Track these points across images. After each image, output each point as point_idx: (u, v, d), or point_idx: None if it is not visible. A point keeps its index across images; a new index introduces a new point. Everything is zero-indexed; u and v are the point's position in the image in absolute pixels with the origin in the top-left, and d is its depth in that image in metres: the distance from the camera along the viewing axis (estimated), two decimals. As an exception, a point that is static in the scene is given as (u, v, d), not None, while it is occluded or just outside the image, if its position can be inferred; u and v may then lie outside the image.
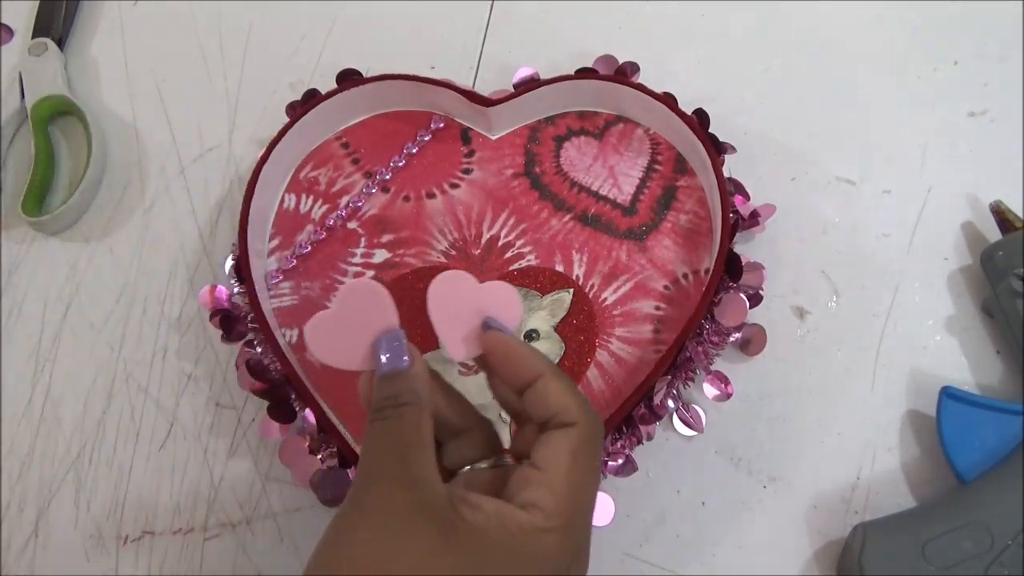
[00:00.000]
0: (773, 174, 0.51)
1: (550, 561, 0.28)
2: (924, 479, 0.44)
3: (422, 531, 0.26)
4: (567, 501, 0.28)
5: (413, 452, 0.28)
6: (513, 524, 0.27)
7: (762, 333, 0.46)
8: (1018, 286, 0.43)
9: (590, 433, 0.30)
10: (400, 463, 0.28)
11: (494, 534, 0.27)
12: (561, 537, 0.28)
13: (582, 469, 0.29)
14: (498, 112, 0.50)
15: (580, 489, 0.29)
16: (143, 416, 0.48)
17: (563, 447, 0.29)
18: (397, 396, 0.29)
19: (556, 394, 0.30)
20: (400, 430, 0.28)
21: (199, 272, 0.52)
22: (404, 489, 0.27)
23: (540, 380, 0.31)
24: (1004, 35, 0.54)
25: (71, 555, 0.46)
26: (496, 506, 0.28)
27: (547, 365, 0.31)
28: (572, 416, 0.30)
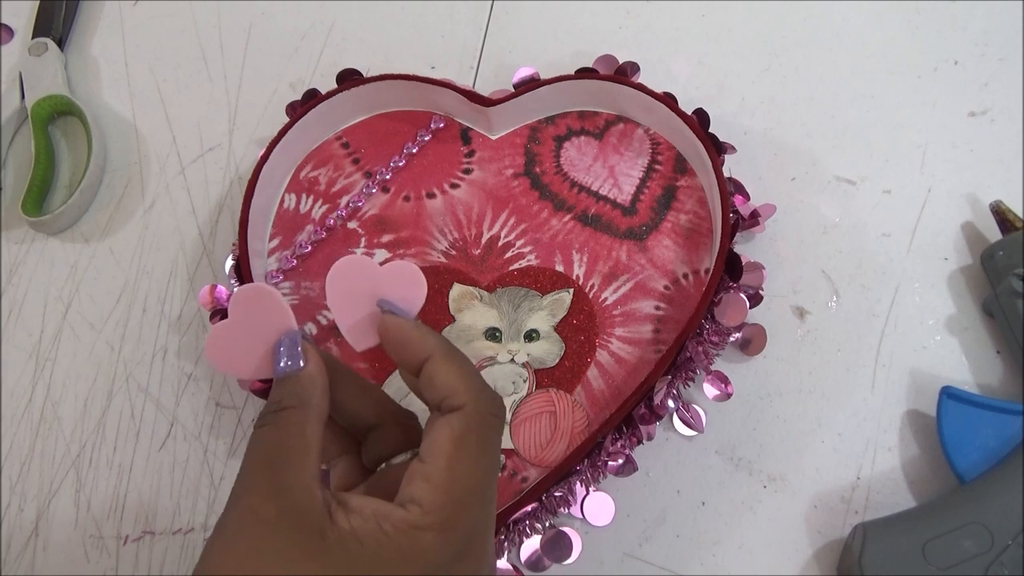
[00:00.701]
0: (773, 174, 0.51)
1: (426, 561, 0.26)
2: (924, 479, 0.44)
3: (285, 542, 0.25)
4: (446, 495, 0.26)
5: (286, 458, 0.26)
6: (389, 524, 0.26)
7: (762, 333, 0.46)
8: (1018, 286, 0.43)
9: (477, 418, 0.28)
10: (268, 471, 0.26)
11: (367, 537, 0.26)
12: (439, 535, 0.26)
13: (468, 458, 0.27)
14: (498, 112, 0.50)
15: (463, 480, 0.27)
16: (143, 416, 0.48)
17: (445, 435, 0.27)
18: (280, 401, 0.28)
19: (443, 375, 0.28)
20: (276, 436, 0.27)
21: (199, 272, 0.52)
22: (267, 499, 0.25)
23: (428, 362, 0.29)
24: (1004, 35, 0.54)
25: (71, 555, 0.46)
26: (375, 507, 0.27)
27: (437, 345, 0.29)
28: (458, 400, 0.28)
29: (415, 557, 0.26)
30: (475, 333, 0.47)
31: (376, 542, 0.26)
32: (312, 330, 0.48)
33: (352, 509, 0.26)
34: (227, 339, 0.29)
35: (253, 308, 0.29)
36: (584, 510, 0.44)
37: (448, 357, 0.29)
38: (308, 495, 0.26)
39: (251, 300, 0.29)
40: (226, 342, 0.29)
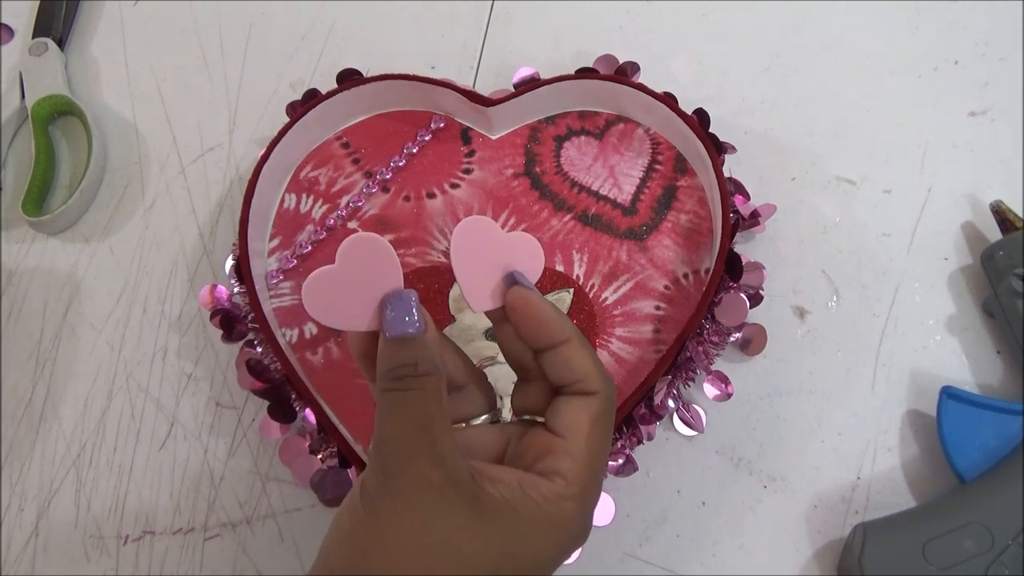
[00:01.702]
0: (773, 174, 0.51)
1: (571, 526, 0.28)
2: (924, 479, 0.44)
3: (454, 508, 0.26)
4: (586, 469, 0.29)
5: (437, 427, 0.27)
6: (537, 493, 0.28)
7: (762, 333, 0.46)
8: (1018, 286, 0.43)
9: (609, 403, 0.30)
10: (426, 438, 0.27)
11: (520, 506, 0.27)
12: (580, 504, 0.28)
13: (600, 437, 0.30)
14: (498, 112, 0.50)
15: (598, 457, 0.30)
16: (143, 416, 0.48)
17: (584, 416, 0.30)
18: (417, 365, 0.28)
19: (580, 361, 0.30)
20: (423, 402, 0.27)
21: (199, 272, 0.52)
22: (433, 466, 0.26)
23: (565, 345, 0.30)
24: (1004, 35, 0.54)
25: (71, 555, 0.46)
26: (518, 477, 0.28)
27: (573, 330, 0.30)
28: (594, 385, 0.30)
29: (563, 524, 0.28)
30: (475, 333, 0.47)
31: (529, 511, 0.27)
32: (313, 330, 0.48)
33: (494, 478, 0.28)
34: (329, 287, 0.28)
35: (363, 258, 0.28)
36: (584, 510, 0.44)
37: (583, 343, 0.30)
38: (460, 464, 0.27)
39: (363, 250, 0.28)
40: (327, 290, 0.28)
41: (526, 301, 0.30)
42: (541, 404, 0.31)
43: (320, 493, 0.44)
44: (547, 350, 0.31)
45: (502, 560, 0.27)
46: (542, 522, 0.28)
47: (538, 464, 0.29)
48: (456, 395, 0.32)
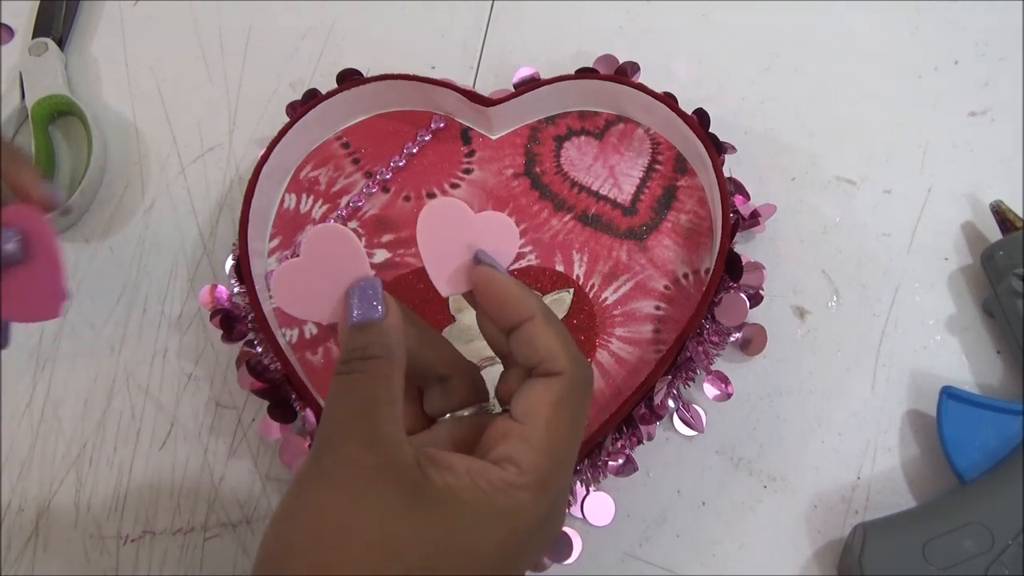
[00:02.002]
0: (773, 174, 0.51)
1: (523, 519, 0.26)
2: (924, 479, 0.44)
3: (385, 494, 0.25)
4: (545, 456, 0.27)
5: (379, 410, 0.26)
6: (485, 482, 0.26)
7: (762, 333, 0.46)
8: (1018, 286, 0.43)
9: (575, 384, 0.28)
10: (364, 421, 0.26)
11: (464, 494, 0.26)
12: (536, 494, 0.26)
13: (564, 423, 0.28)
14: (498, 112, 0.50)
15: (560, 445, 0.27)
16: (143, 416, 0.48)
17: (544, 398, 0.28)
18: (366, 348, 0.27)
19: (544, 338, 0.28)
20: (367, 386, 0.27)
21: (199, 272, 0.52)
22: (368, 449, 0.25)
23: (529, 323, 0.29)
24: (1004, 35, 0.54)
25: (71, 555, 0.46)
26: (467, 464, 0.27)
27: (538, 307, 0.29)
28: (558, 365, 0.28)
29: (512, 515, 0.26)
30: (475, 333, 0.47)
31: (474, 499, 0.26)
32: (313, 330, 0.48)
33: (444, 465, 0.26)
34: (296, 279, 0.29)
35: (328, 249, 0.28)
36: (584, 510, 0.44)
37: (549, 321, 0.29)
38: (401, 448, 0.26)
39: (326, 241, 0.28)
40: (295, 282, 0.29)
41: (488, 279, 0.29)
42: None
43: (320, 493, 0.44)
44: (514, 330, 0.29)
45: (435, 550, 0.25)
46: (486, 512, 0.26)
47: (493, 451, 0.27)
48: (440, 386, 0.31)
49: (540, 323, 0.29)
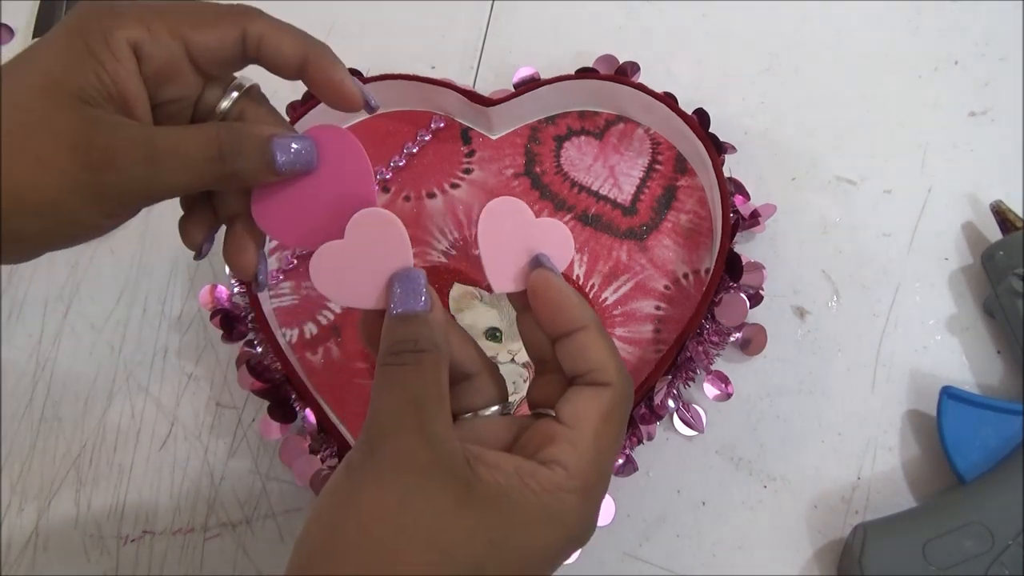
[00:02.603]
0: (773, 174, 0.51)
1: (568, 521, 0.26)
2: (924, 479, 0.44)
3: (439, 490, 0.25)
4: (591, 464, 0.27)
5: (430, 405, 0.26)
6: (534, 481, 0.26)
7: (762, 333, 0.46)
8: (1019, 286, 0.43)
9: (623, 398, 0.29)
10: (416, 416, 0.26)
11: (514, 493, 0.26)
12: (582, 499, 0.27)
13: (610, 433, 0.28)
14: (498, 112, 0.50)
15: (605, 453, 0.28)
16: (143, 416, 0.48)
17: (594, 407, 0.28)
18: (416, 341, 0.27)
19: (596, 350, 0.29)
20: (418, 379, 0.27)
21: (199, 272, 0.52)
22: (421, 444, 0.25)
23: (582, 332, 0.29)
24: (1004, 35, 0.54)
25: (71, 555, 0.46)
26: (515, 463, 0.27)
27: (592, 318, 0.29)
28: (608, 376, 0.29)
29: (559, 517, 0.26)
30: (475, 333, 0.47)
31: (524, 499, 0.26)
32: (313, 330, 0.48)
33: (491, 464, 0.26)
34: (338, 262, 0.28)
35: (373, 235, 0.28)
36: (584, 510, 0.44)
37: (602, 333, 0.29)
38: (452, 445, 0.26)
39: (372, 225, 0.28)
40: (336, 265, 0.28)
41: (547, 284, 0.30)
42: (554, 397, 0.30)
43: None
44: (564, 337, 0.29)
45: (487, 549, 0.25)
46: (537, 513, 0.26)
47: (540, 453, 0.27)
48: (466, 384, 0.31)
49: (594, 333, 0.29)
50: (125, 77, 0.29)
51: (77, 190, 0.27)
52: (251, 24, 0.30)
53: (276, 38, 0.30)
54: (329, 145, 0.30)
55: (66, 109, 0.28)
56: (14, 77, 0.28)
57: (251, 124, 0.30)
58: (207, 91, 0.32)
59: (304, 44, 0.31)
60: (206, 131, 0.29)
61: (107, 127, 0.28)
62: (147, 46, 0.29)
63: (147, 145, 0.28)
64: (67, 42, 0.28)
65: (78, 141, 0.27)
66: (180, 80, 0.30)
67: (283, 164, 0.29)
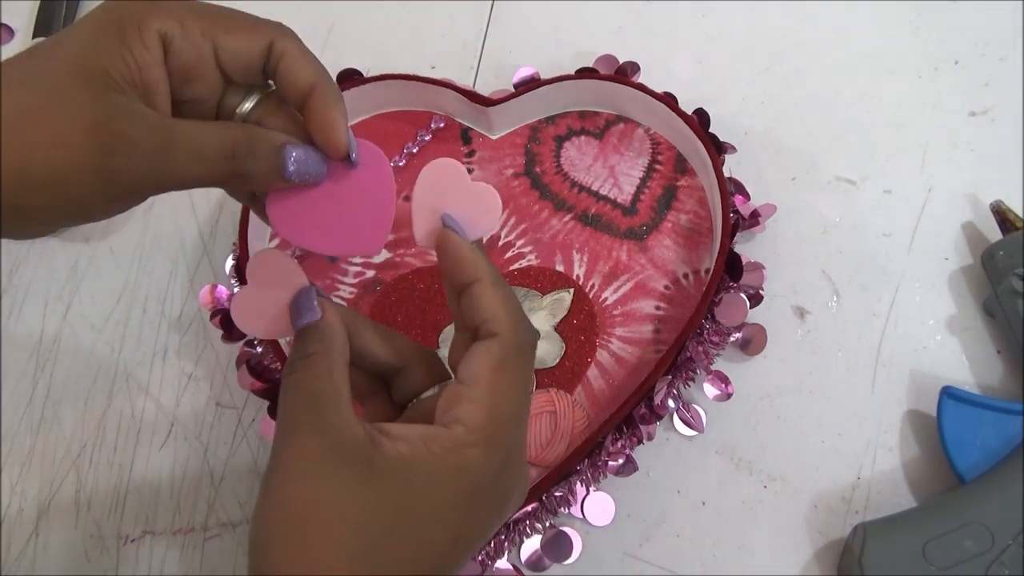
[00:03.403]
0: (773, 174, 0.51)
1: (473, 474, 0.28)
2: (924, 479, 0.44)
3: (336, 474, 0.26)
4: (488, 414, 0.28)
5: (322, 399, 0.28)
6: (436, 445, 0.27)
7: (762, 333, 0.46)
8: (1019, 286, 0.43)
9: (515, 346, 0.29)
10: (310, 412, 0.28)
11: (416, 460, 0.27)
12: (484, 450, 0.28)
13: (505, 382, 0.29)
14: (498, 112, 0.50)
15: (503, 403, 0.29)
16: (143, 416, 0.48)
17: (486, 359, 0.29)
18: (305, 348, 0.29)
19: (487, 300, 0.30)
20: (308, 380, 0.28)
21: (199, 272, 0.52)
22: (315, 436, 0.27)
23: (476, 284, 0.30)
24: (1004, 35, 0.54)
25: (71, 555, 0.46)
26: (420, 431, 0.28)
27: (488, 271, 0.30)
28: (498, 326, 0.29)
29: (464, 473, 0.28)
30: (475, 333, 0.47)
31: (426, 463, 0.27)
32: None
33: (396, 437, 0.28)
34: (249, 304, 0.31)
35: (268, 271, 0.31)
36: (584, 510, 0.44)
37: (495, 284, 0.30)
38: (350, 430, 0.27)
39: (265, 264, 0.31)
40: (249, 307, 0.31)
41: (446, 239, 0.31)
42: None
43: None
44: (463, 292, 0.30)
45: (395, 516, 0.26)
46: (439, 472, 0.27)
47: (446, 415, 0.29)
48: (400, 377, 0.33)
49: (486, 285, 0.30)
50: (151, 65, 0.29)
51: (86, 171, 0.28)
52: (280, 39, 0.31)
53: (297, 58, 0.32)
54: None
55: (88, 90, 0.28)
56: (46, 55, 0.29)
57: (269, 131, 0.31)
58: (228, 95, 0.33)
59: (319, 75, 0.32)
60: (223, 129, 0.30)
61: (126, 113, 0.28)
62: (177, 40, 0.30)
63: (163, 134, 0.29)
64: (102, 26, 0.29)
65: (95, 123, 0.28)
66: (204, 80, 0.31)
67: (293, 173, 0.31)
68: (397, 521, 0.26)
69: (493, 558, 0.43)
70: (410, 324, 0.48)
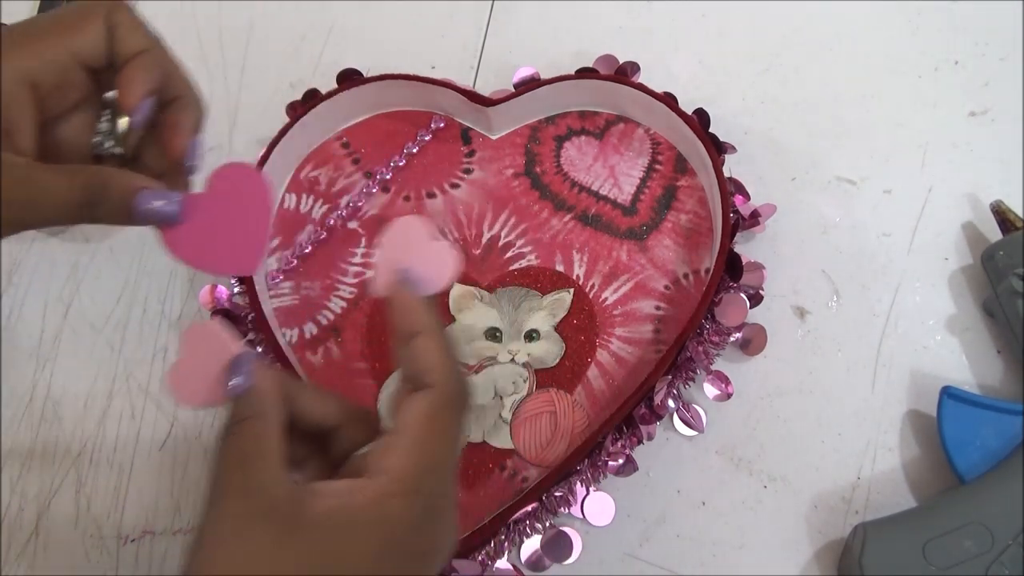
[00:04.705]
0: (773, 174, 0.51)
1: (392, 524, 0.28)
2: (924, 479, 0.44)
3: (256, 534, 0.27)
4: (415, 464, 0.29)
5: (252, 462, 0.28)
6: (360, 496, 0.28)
7: (762, 333, 0.46)
8: (1019, 286, 0.43)
9: (449, 398, 0.30)
10: (238, 475, 0.28)
11: (338, 514, 0.27)
12: (406, 500, 0.28)
13: (435, 432, 0.29)
14: (498, 112, 0.50)
15: (430, 453, 0.29)
16: (143, 416, 0.48)
17: (418, 409, 0.29)
18: (239, 413, 0.29)
19: (425, 352, 0.30)
20: (239, 444, 0.29)
21: (199, 272, 0.52)
22: (240, 498, 0.27)
23: (420, 336, 0.30)
24: (1004, 35, 0.54)
25: (71, 555, 0.46)
26: (347, 484, 0.28)
27: (430, 323, 0.31)
28: (433, 378, 0.30)
29: (383, 523, 0.28)
30: (475, 333, 0.47)
31: (347, 516, 0.27)
32: (313, 330, 0.48)
33: (324, 493, 0.28)
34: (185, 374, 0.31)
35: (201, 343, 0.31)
36: (584, 510, 0.44)
37: (435, 337, 0.31)
38: (277, 489, 0.28)
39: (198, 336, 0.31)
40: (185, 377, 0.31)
41: (396, 291, 0.32)
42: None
43: (320, 493, 0.44)
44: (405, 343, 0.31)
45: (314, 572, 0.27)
46: (360, 525, 0.27)
47: (374, 465, 0.29)
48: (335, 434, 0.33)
49: (427, 338, 0.30)
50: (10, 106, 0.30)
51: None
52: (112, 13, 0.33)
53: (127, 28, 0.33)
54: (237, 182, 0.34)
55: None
56: None
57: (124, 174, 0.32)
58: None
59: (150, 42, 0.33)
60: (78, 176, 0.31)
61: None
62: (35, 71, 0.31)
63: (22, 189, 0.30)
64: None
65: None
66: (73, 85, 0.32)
67: (141, 218, 0.32)
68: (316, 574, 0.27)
69: (493, 558, 0.43)
70: (410, 324, 0.48)
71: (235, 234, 0.34)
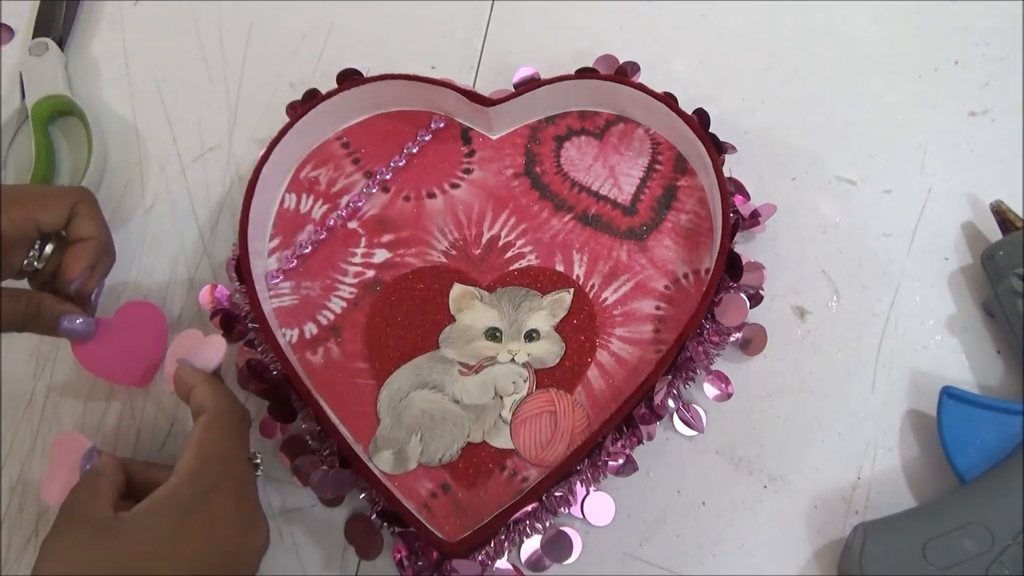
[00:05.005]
0: (773, 174, 0.51)
1: (178, 503, 0.37)
2: (924, 479, 0.44)
3: (81, 535, 0.36)
4: (195, 458, 0.38)
5: (86, 506, 0.37)
6: (156, 495, 0.37)
7: (762, 333, 0.47)
8: (1019, 286, 0.43)
9: (219, 414, 0.40)
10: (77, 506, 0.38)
11: (141, 509, 0.37)
12: (191, 485, 0.37)
13: (212, 437, 0.39)
14: (498, 112, 0.50)
15: (208, 452, 0.38)
16: (143, 416, 0.48)
17: (197, 427, 0.39)
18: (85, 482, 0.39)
19: (198, 395, 0.40)
20: (79, 490, 0.38)
21: (199, 272, 0.52)
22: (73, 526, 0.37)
23: (193, 388, 0.41)
24: (1004, 35, 0.54)
25: (71, 555, 0.46)
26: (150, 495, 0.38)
27: (200, 378, 0.41)
28: (206, 406, 0.40)
29: (171, 503, 0.37)
30: (475, 333, 0.47)
31: (147, 511, 0.37)
32: (313, 330, 0.48)
33: (135, 508, 0.37)
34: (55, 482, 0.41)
35: (66, 449, 0.41)
36: (584, 510, 0.44)
37: (204, 384, 0.41)
38: (101, 514, 0.37)
39: (63, 444, 0.42)
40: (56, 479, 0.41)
41: (178, 369, 0.42)
42: None
43: (320, 493, 0.44)
44: (188, 395, 0.41)
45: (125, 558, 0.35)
46: (158, 510, 0.37)
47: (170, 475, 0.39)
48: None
49: (199, 386, 0.41)
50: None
51: None
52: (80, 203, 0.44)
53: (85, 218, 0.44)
54: (137, 313, 0.46)
55: None
56: None
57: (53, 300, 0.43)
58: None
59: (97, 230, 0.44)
60: (20, 300, 0.42)
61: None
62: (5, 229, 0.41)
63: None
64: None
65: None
66: (26, 239, 0.43)
67: (64, 333, 0.44)
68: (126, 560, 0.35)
69: (493, 558, 0.43)
70: (410, 324, 0.48)
71: (133, 354, 0.46)
